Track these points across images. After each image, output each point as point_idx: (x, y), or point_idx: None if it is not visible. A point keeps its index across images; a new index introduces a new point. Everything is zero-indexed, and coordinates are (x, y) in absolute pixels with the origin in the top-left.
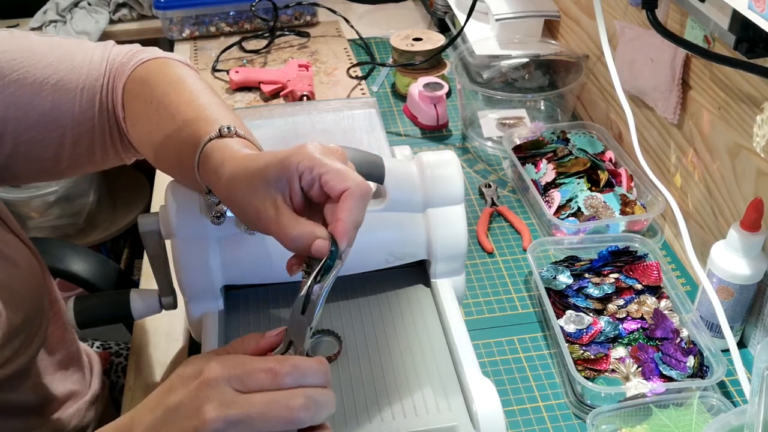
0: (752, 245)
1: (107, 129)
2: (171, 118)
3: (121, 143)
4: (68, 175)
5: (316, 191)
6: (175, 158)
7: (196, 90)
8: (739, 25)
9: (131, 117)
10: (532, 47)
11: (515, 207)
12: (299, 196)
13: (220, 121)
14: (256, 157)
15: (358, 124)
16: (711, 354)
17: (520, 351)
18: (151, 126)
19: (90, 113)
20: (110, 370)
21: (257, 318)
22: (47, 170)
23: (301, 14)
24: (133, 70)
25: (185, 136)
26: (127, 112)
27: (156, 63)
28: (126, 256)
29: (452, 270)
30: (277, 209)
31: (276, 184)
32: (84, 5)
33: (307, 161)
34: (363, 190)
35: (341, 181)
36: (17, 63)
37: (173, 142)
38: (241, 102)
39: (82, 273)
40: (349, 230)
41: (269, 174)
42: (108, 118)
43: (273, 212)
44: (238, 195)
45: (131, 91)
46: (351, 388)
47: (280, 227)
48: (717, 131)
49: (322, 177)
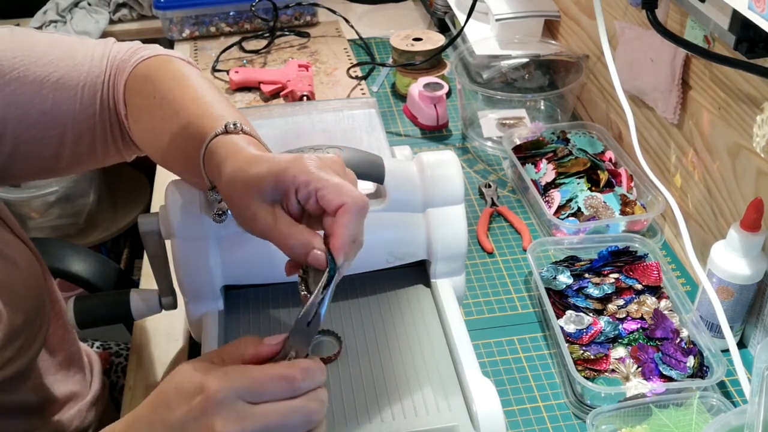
0: (752, 245)
1: (108, 126)
2: (175, 113)
3: (122, 140)
4: (69, 172)
5: (313, 204)
6: (179, 154)
7: (200, 87)
8: (739, 25)
9: (133, 113)
10: (532, 47)
11: (515, 207)
12: (296, 207)
13: (225, 118)
14: (255, 162)
15: (358, 124)
16: (711, 354)
17: (520, 351)
18: (154, 122)
19: (91, 110)
20: (110, 370)
21: (257, 318)
22: (48, 168)
23: (301, 14)
24: (134, 67)
25: (191, 132)
26: (129, 108)
27: (158, 60)
28: (126, 256)
29: (452, 270)
30: (275, 217)
31: (272, 195)
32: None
33: (304, 176)
34: (359, 206)
35: (337, 197)
36: (17, 61)
37: (178, 137)
38: (241, 102)
39: (82, 273)
40: (345, 245)
41: (265, 185)
42: (109, 115)
43: (271, 219)
44: (236, 197)
45: (133, 87)
46: (351, 388)
47: (278, 235)
48: (717, 131)
49: (318, 192)
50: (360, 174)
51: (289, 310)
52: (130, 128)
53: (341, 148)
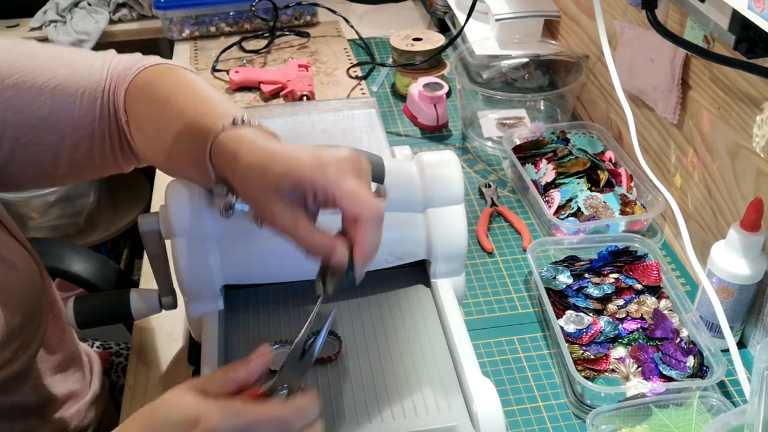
0: (752, 245)
1: (107, 134)
2: (180, 114)
3: (121, 150)
4: (66, 181)
5: (331, 206)
6: (184, 153)
7: (204, 89)
8: (739, 25)
9: (135, 120)
10: (532, 47)
11: (515, 207)
12: (313, 207)
13: (233, 114)
14: (271, 158)
15: (358, 124)
16: (711, 354)
17: (520, 351)
18: (159, 124)
19: (90, 117)
20: (110, 370)
21: (257, 318)
22: (45, 175)
23: (301, 14)
24: (136, 75)
25: (196, 129)
26: (130, 115)
27: (159, 68)
28: (126, 256)
29: (452, 270)
30: (294, 217)
31: (290, 195)
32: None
33: (322, 181)
34: (376, 215)
35: (354, 206)
36: (16, 68)
37: (183, 136)
38: (241, 102)
39: (82, 273)
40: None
41: (283, 186)
42: (109, 122)
43: (290, 218)
44: (255, 191)
45: (134, 95)
46: (351, 388)
47: (297, 235)
48: (717, 131)
49: (336, 200)
50: None
51: (289, 310)
52: (132, 136)
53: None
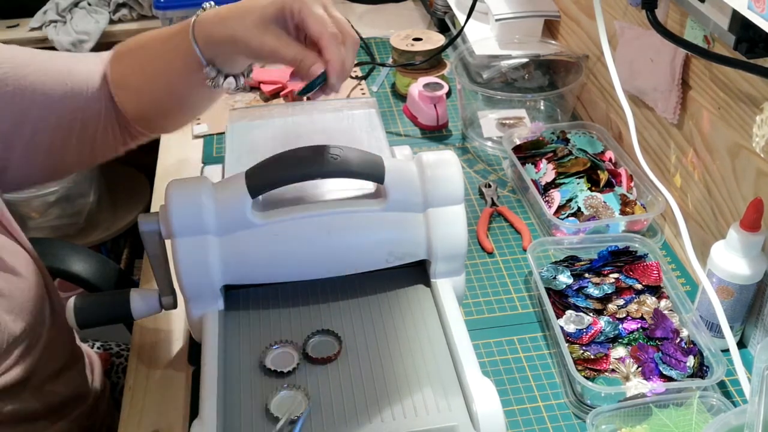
0: (752, 245)
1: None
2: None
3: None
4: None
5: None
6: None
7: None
8: (739, 25)
9: (118, 76)
10: (532, 47)
11: (515, 207)
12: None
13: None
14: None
15: (358, 124)
16: (711, 354)
17: (520, 351)
18: (141, 60)
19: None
20: (111, 370)
21: (257, 318)
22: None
23: None
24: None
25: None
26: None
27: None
28: (126, 256)
29: (452, 270)
30: (278, 37)
31: (274, 21)
32: (84, 5)
33: (297, 3)
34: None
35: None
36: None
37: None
38: (241, 102)
39: (82, 273)
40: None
41: (267, 13)
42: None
43: (275, 40)
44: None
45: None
46: (351, 388)
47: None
48: (717, 131)
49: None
50: (360, 174)
51: (289, 310)
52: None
53: (341, 148)
